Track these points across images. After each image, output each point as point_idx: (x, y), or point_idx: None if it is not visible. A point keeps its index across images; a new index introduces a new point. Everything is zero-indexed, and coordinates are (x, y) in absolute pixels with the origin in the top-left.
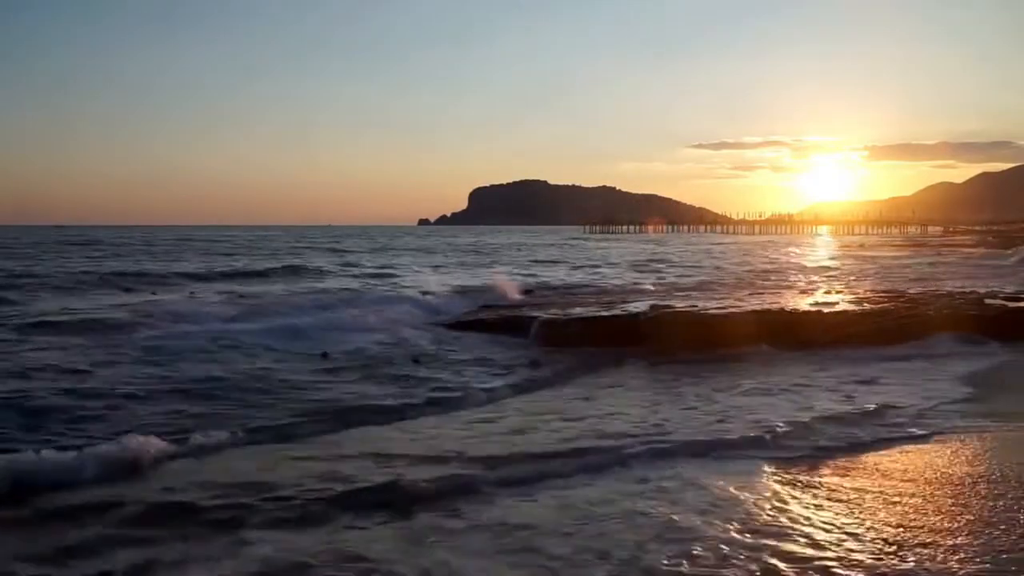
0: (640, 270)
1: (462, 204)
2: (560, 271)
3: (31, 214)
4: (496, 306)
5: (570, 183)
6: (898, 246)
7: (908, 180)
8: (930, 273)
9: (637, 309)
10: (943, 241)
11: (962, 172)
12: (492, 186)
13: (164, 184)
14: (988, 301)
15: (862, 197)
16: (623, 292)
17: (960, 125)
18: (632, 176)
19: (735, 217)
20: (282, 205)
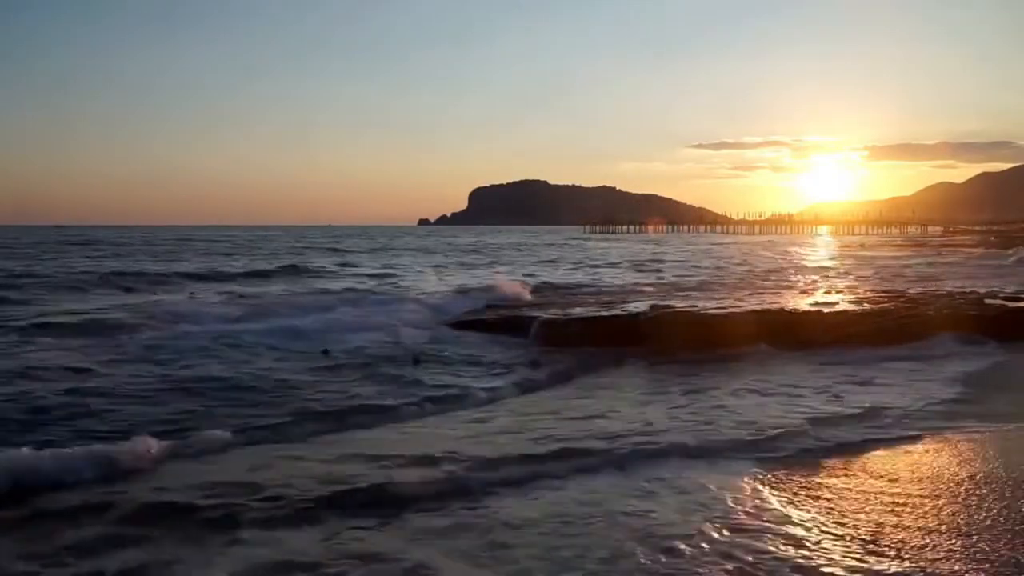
0: (640, 270)
1: (462, 204)
2: (560, 271)
3: (31, 214)
4: (497, 306)
5: (570, 183)
6: (898, 246)
7: (908, 180)
8: (930, 273)
9: (637, 309)
10: (943, 241)
11: (962, 172)
12: (492, 186)
13: (164, 184)
14: (988, 301)
15: (862, 197)
16: (623, 292)
17: (960, 125)
18: (632, 176)
19: (735, 217)
20: (282, 205)
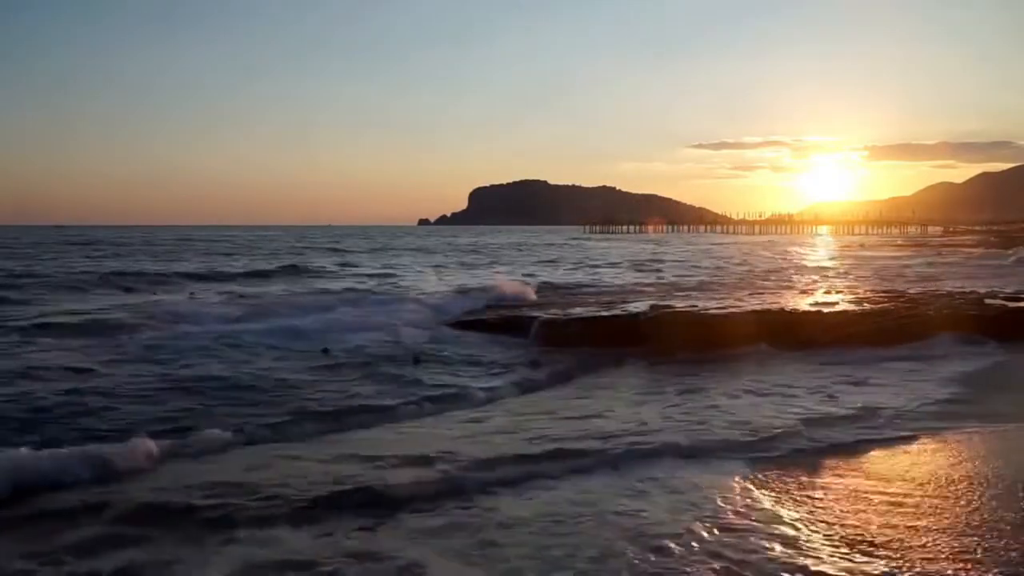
0: (640, 270)
1: (462, 204)
2: (560, 271)
3: (31, 214)
4: (497, 306)
5: (570, 183)
6: (898, 246)
7: (908, 180)
8: (930, 273)
9: (637, 309)
10: (943, 241)
11: (962, 172)
12: (492, 186)
13: (164, 184)
14: (988, 301)
15: (862, 197)
16: (623, 292)
17: (960, 125)
18: (632, 176)
19: (735, 217)
20: (282, 205)
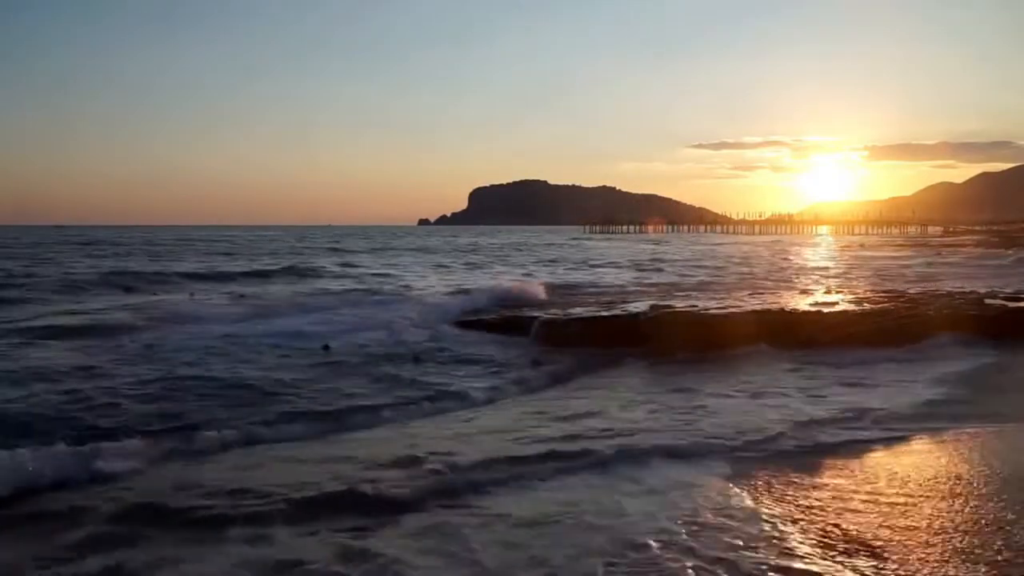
0: (640, 270)
1: (462, 204)
2: (560, 271)
3: (31, 214)
4: (503, 305)
5: (570, 183)
6: (898, 246)
7: (908, 180)
8: (930, 273)
9: (637, 309)
10: (943, 241)
11: (962, 172)
12: (492, 186)
13: (164, 184)
14: (988, 301)
15: (862, 197)
16: (623, 292)
17: (960, 125)
18: (632, 176)
19: (735, 217)
20: (282, 205)
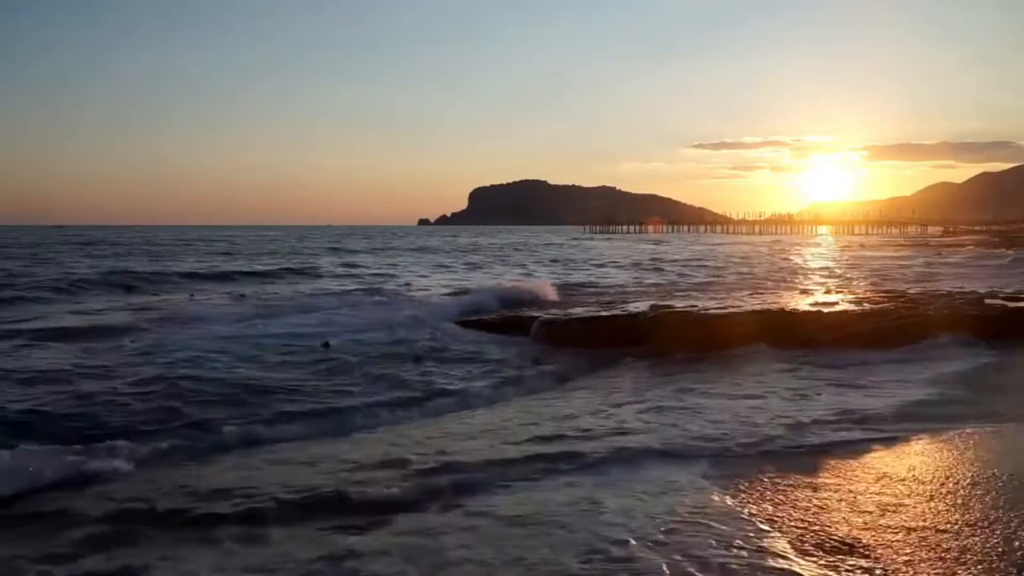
0: (640, 270)
1: (462, 204)
2: (560, 270)
3: (31, 214)
4: (502, 305)
5: (570, 183)
6: (898, 246)
7: (908, 180)
8: (930, 273)
9: (637, 309)
10: (943, 241)
11: (962, 172)
12: (492, 186)
13: (164, 184)
14: (988, 301)
15: (862, 197)
16: (623, 292)
17: (960, 125)
18: (632, 176)
19: (735, 217)
20: (282, 205)
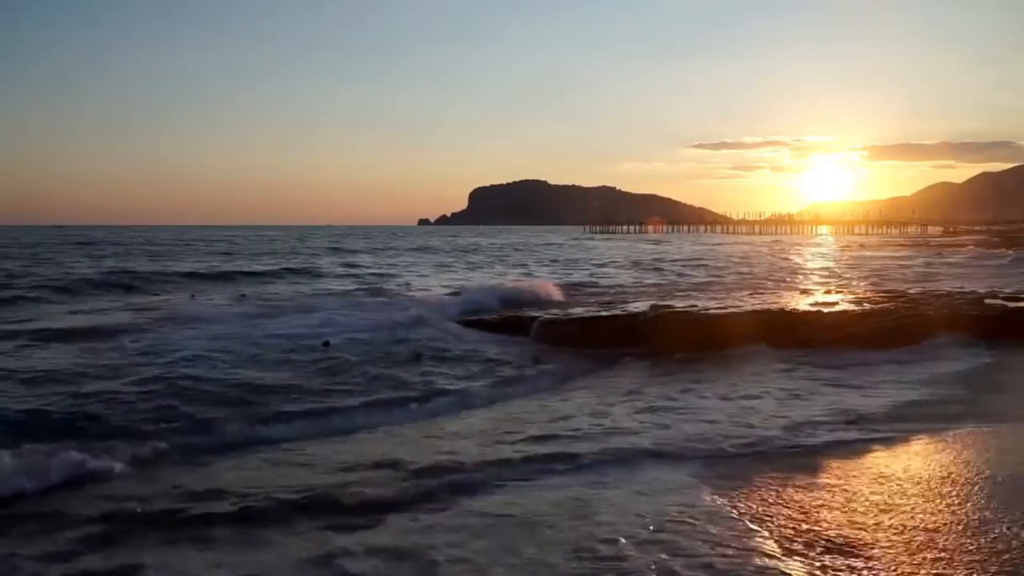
0: (640, 270)
1: (462, 204)
2: (561, 270)
3: (31, 214)
4: (503, 305)
5: (570, 183)
6: (898, 246)
7: (908, 180)
8: (930, 273)
9: (637, 309)
10: (943, 241)
11: (962, 172)
12: (492, 186)
13: (164, 184)
14: (988, 301)
15: (862, 197)
16: (623, 292)
17: (960, 125)
18: (632, 176)
19: (735, 217)
20: (282, 205)
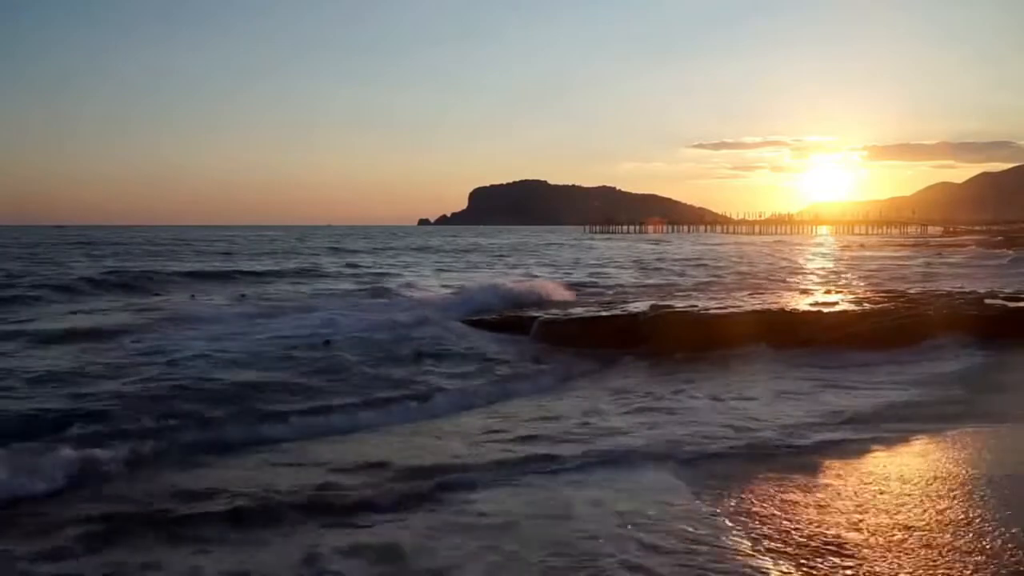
0: (640, 270)
1: (462, 204)
2: (561, 270)
3: (31, 214)
4: (503, 305)
5: (570, 183)
6: (898, 246)
7: (908, 180)
8: (930, 273)
9: (637, 309)
10: (943, 241)
11: (962, 172)
12: (492, 186)
13: (164, 184)
14: (988, 301)
15: (862, 197)
16: (623, 292)
17: (960, 125)
18: (632, 176)
19: (735, 217)
20: (282, 205)
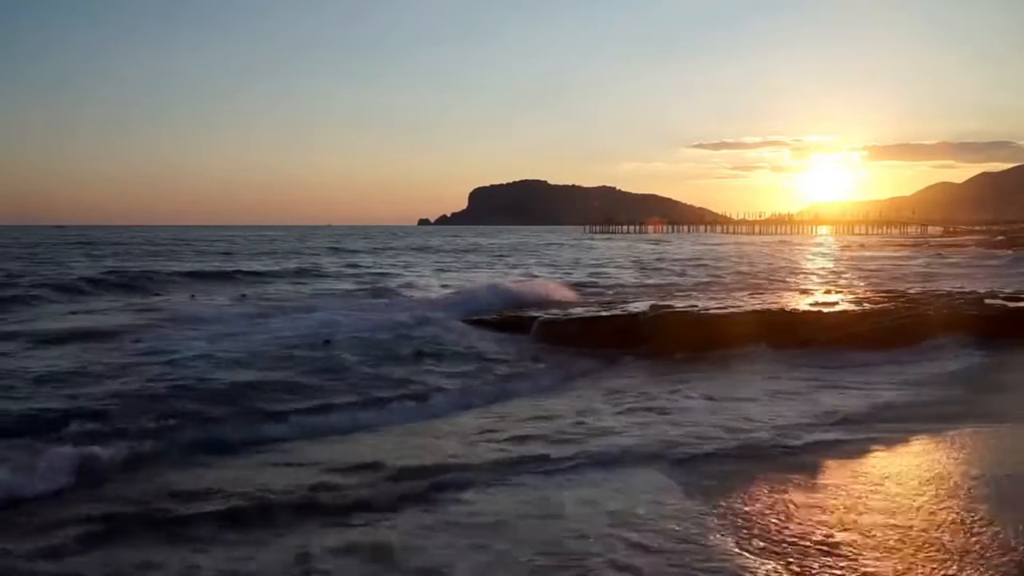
0: (641, 270)
1: (462, 204)
2: (561, 270)
3: (31, 214)
4: (503, 305)
5: (570, 183)
6: (898, 246)
7: (908, 180)
8: (930, 273)
9: (637, 309)
10: (943, 241)
11: (962, 172)
12: (492, 186)
13: (164, 184)
14: (988, 301)
15: (862, 197)
16: (623, 292)
17: (960, 125)
18: (632, 176)
19: (735, 217)
20: (282, 205)
